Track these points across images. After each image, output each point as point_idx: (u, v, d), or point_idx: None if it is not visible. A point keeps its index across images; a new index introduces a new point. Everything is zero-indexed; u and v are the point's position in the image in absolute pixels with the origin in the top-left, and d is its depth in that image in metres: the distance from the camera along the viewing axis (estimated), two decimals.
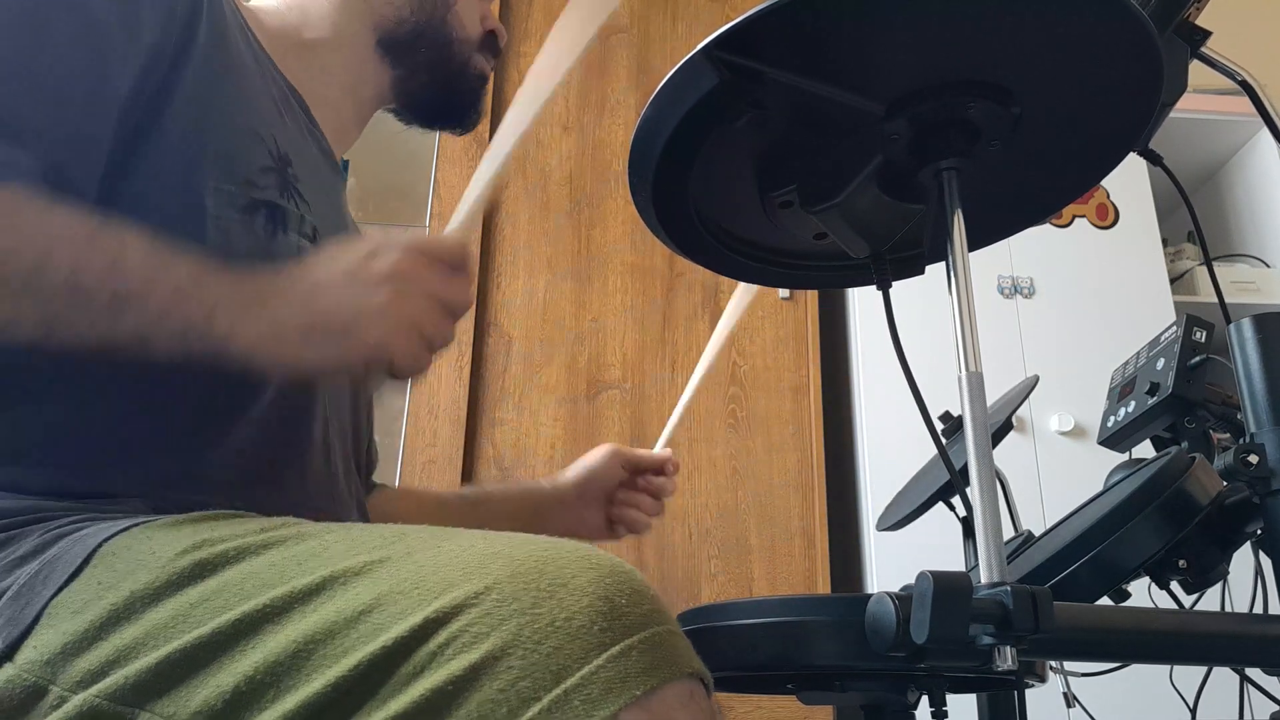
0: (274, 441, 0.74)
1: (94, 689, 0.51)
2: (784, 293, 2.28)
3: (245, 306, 0.63)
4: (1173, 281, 2.43)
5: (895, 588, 0.59)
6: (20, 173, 0.62)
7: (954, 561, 0.94)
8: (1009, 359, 2.20)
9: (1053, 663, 1.04)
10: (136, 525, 0.59)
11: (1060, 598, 0.56)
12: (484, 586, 0.49)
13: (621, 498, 1.07)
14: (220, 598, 0.52)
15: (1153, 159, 0.85)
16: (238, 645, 0.50)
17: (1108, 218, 2.40)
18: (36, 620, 0.55)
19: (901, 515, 1.10)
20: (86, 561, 0.57)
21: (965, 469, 0.57)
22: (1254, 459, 0.70)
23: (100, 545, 0.58)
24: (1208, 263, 0.91)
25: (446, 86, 0.96)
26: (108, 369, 0.65)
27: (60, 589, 0.56)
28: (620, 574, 0.50)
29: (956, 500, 1.05)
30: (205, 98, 0.73)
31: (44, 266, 0.59)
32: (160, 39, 0.71)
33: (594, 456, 1.07)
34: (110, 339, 0.60)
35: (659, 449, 1.09)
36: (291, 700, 0.48)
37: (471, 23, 0.95)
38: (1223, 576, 0.76)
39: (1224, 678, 0.94)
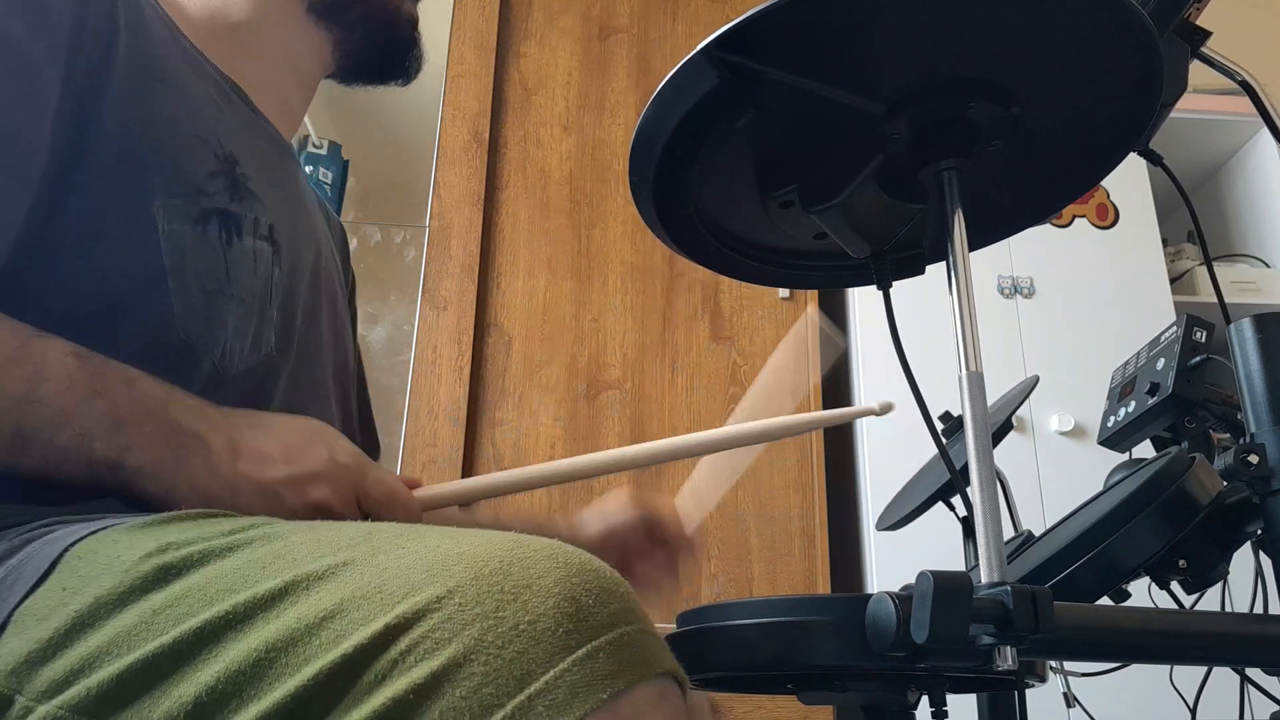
0: None
1: (58, 700, 0.50)
2: (784, 293, 2.28)
3: (160, 456, 0.64)
4: (1173, 281, 2.43)
5: (895, 588, 0.59)
6: None
7: (954, 561, 0.94)
8: (1009, 359, 2.20)
9: (1053, 663, 1.04)
10: (105, 528, 0.58)
11: (1060, 598, 0.56)
12: (446, 590, 0.47)
13: (637, 551, 0.99)
14: (184, 604, 0.51)
15: (1153, 159, 0.85)
16: (200, 654, 0.49)
17: (1108, 218, 2.40)
18: (2, 629, 0.54)
19: (901, 515, 1.10)
20: (53, 566, 0.56)
21: (965, 469, 0.57)
22: (1254, 459, 0.70)
23: (67, 549, 0.57)
24: (1208, 263, 0.91)
25: (385, 37, 0.93)
26: None
27: (26, 595, 0.55)
28: (588, 572, 0.49)
29: (956, 500, 1.05)
30: (137, 110, 0.71)
31: None
32: (76, 57, 0.69)
33: (615, 510, 0.99)
34: (13, 467, 0.61)
35: (688, 518, 0.99)
36: (253, 710, 0.47)
37: None
38: (1223, 576, 0.76)
39: (1224, 678, 0.94)
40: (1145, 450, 0.93)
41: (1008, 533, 0.79)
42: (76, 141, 0.68)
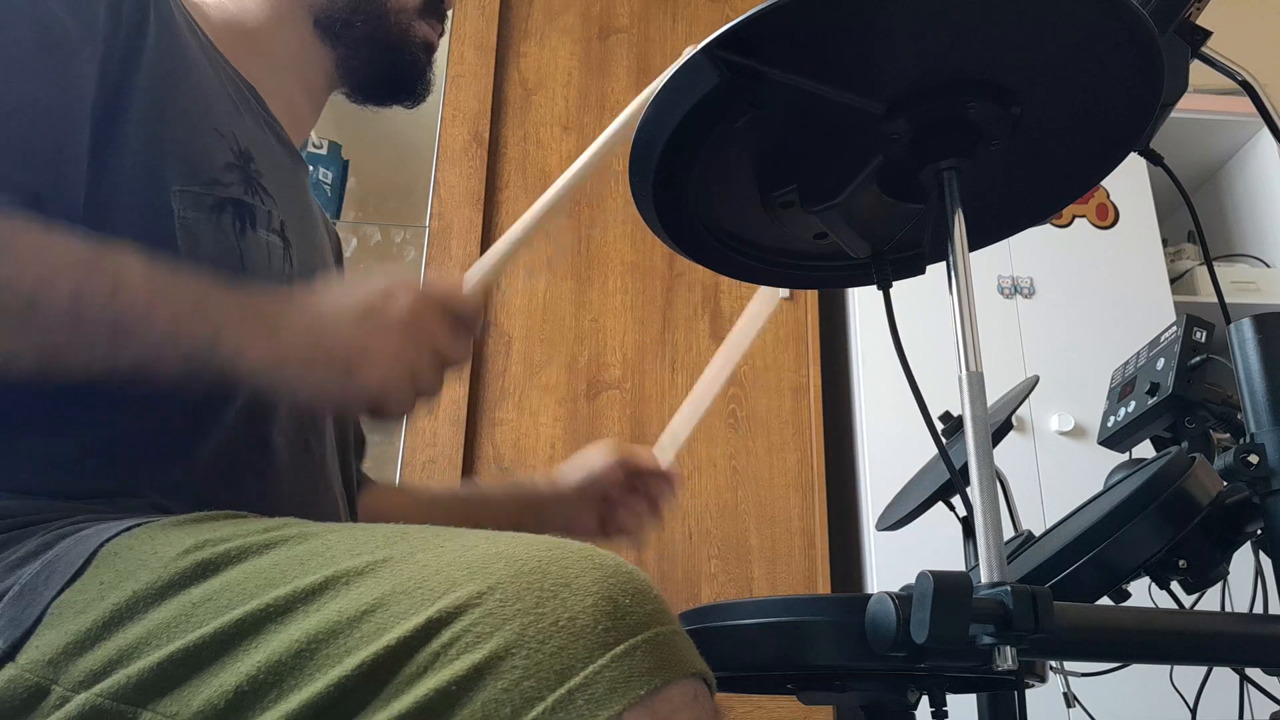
0: (245, 439, 0.73)
1: (96, 689, 0.51)
2: (784, 293, 2.28)
3: (251, 328, 0.63)
4: (1173, 281, 2.43)
5: (895, 588, 0.59)
6: (12, 199, 0.62)
7: (954, 561, 0.94)
8: (1009, 359, 2.20)
9: (1053, 663, 1.04)
10: (139, 525, 0.59)
11: (1060, 598, 0.56)
12: (487, 586, 0.49)
13: (619, 499, 1.03)
14: (223, 597, 0.52)
15: (1153, 159, 0.85)
16: (240, 645, 0.50)
17: (1108, 218, 2.40)
18: (39, 620, 0.55)
19: (901, 515, 1.10)
20: (89, 561, 0.57)
21: (965, 469, 0.57)
22: (1254, 459, 0.70)
23: (102, 545, 0.58)
24: (1208, 263, 0.91)
25: (390, 60, 0.93)
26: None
27: (62, 589, 0.56)
28: (623, 574, 0.50)
29: (956, 500, 1.05)
30: (161, 99, 0.73)
31: (43, 296, 0.58)
32: (110, 42, 0.70)
33: (593, 458, 1.03)
34: (113, 366, 0.60)
35: (664, 457, 1.04)
36: (294, 700, 0.48)
37: None
38: (1223, 576, 0.76)
39: (1224, 678, 0.94)
40: (1145, 450, 0.93)
41: (1008, 533, 0.79)
42: (108, 126, 0.70)
